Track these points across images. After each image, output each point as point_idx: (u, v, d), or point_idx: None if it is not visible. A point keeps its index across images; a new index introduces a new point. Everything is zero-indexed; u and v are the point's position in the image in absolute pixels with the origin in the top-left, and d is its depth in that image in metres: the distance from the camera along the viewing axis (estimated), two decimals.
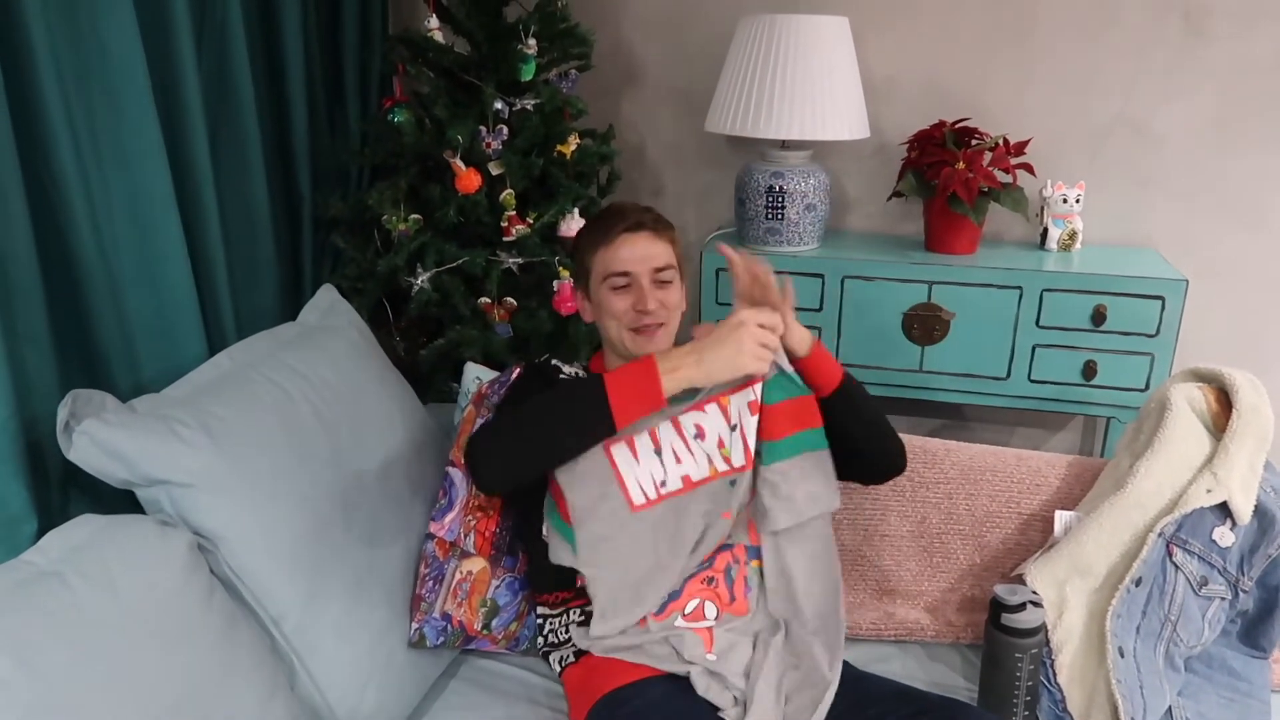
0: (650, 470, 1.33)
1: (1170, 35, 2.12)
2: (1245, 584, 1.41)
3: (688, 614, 1.34)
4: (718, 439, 1.33)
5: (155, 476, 1.19)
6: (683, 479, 1.34)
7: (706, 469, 1.34)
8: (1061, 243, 2.17)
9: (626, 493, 1.33)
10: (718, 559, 1.36)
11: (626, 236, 1.41)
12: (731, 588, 1.36)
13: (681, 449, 1.33)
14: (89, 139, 1.32)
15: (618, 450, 1.32)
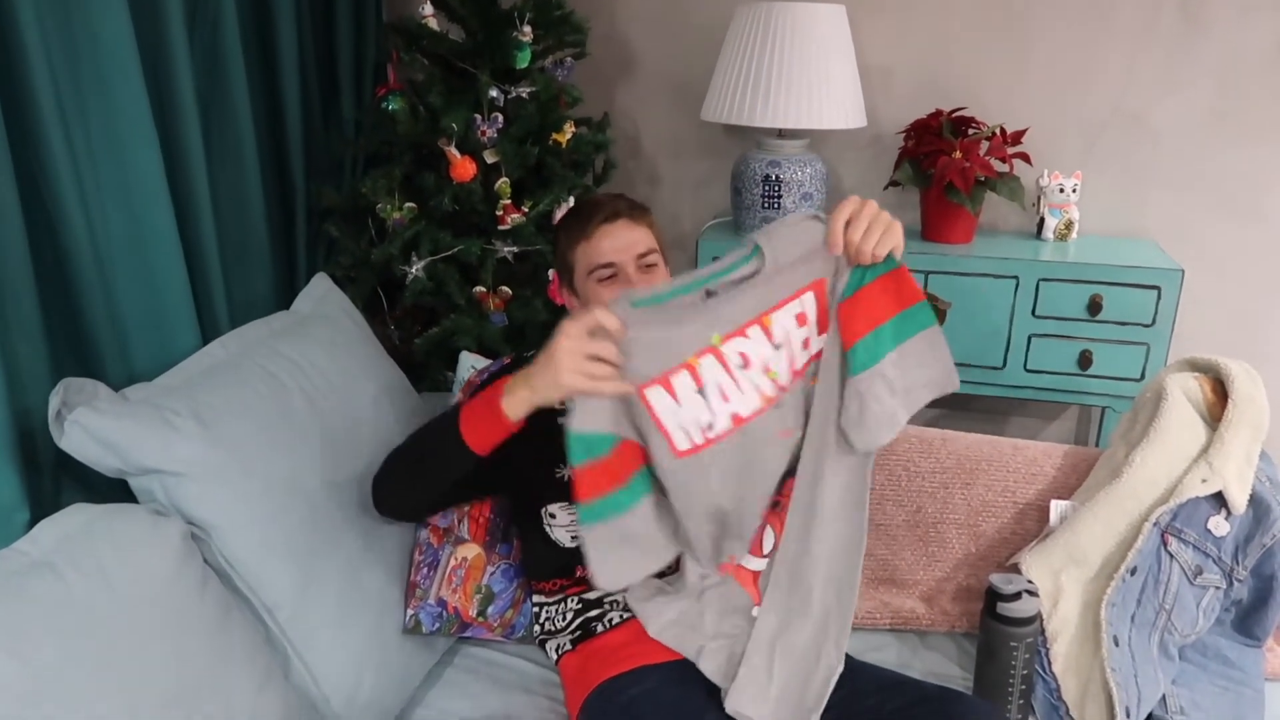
0: (696, 413, 1.21)
1: (1167, 26, 2.11)
2: (1240, 573, 1.41)
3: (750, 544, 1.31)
4: (764, 364, 1.23)
5: (148, 465, 1.19)
6: (732, 418, 1.23)
7: (756, 400, 1.23)
8: (1058, 232, 2.17)
9: (668, 436, 1.21)
10: (785, 485, 1.30)
11: (605, 228, 1.39)
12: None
13: (728, 384, 1.22)
14: (80, 128, 1.31)
15: (653, 394, 1.19)
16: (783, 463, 1.28)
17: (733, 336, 1.21)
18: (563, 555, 1.41)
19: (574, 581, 1.41)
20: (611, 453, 1.19)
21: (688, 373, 1.20)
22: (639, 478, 1.23)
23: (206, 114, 1.57)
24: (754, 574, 1.30)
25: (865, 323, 1.21)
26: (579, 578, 1.41)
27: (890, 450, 1.62)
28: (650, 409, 1.19)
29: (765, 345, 1.22)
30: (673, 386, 1.20)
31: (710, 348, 1.20)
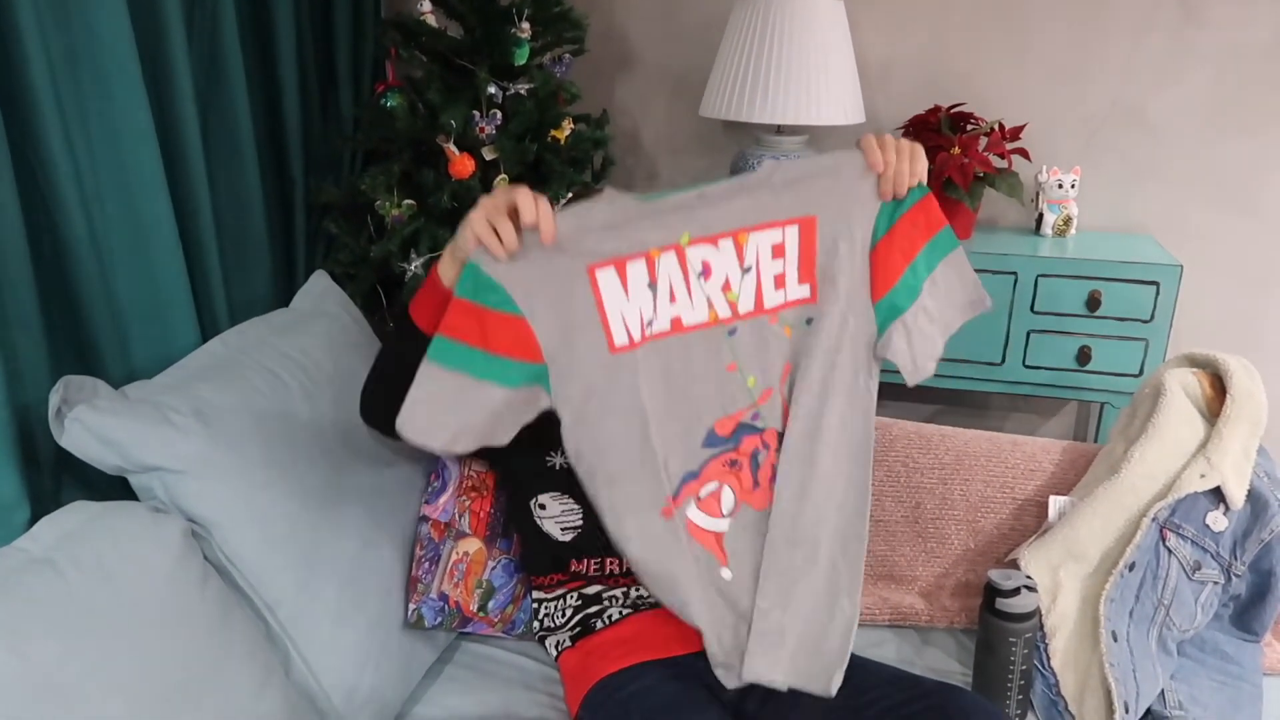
0: (639, 306, 1.14)
1: (1165, 19, 2.11)
2: (1238, 568, 1.42)
3: (703, 498, 1.20)
4: (724, 279, 1.16)
5: (148, 463, 1.19)
6: (672, 321, 1.16)
7: (705, 313, 1.17)
8: (1057, 228, 2.17)
9: (607, 327, 1.13)
10: (744, 441, 1.21)
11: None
12: (756, 473, 1.22)
13: (680, 286, 1.16)
14: (79, 124, 1.31)
15: (604, 276, 1.12)
16: (722, 401, 1.19)
17: (702, 242, 1.15)
18: (555, 548, 1.42)
19: (570, 577, 1.41)
20: (495, 311, 1.09)
21: (645, 263, 1.14)
22: (518, 368, 1.12)
23: (205, 111, 1.57)
24: (716, 535, 1.21)
25: (902, 258, 1.19)
26: (574, 572, 1.41)
27: (889, 446, 1.63)
28: (596, 292, 1.12)
29: (734, 262, 1.16)
30: (626, 273, 1.13)
31: (675, 245, 1.14)
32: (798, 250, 1.18)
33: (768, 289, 1.18)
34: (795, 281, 1.19)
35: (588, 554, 1.42)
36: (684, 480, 1.20)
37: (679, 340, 1.17)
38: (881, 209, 1.17)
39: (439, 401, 1.10)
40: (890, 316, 1.21)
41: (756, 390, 1.20)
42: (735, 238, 1.16)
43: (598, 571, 1.42)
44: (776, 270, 1.17)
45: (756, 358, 1.20)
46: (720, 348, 1.18)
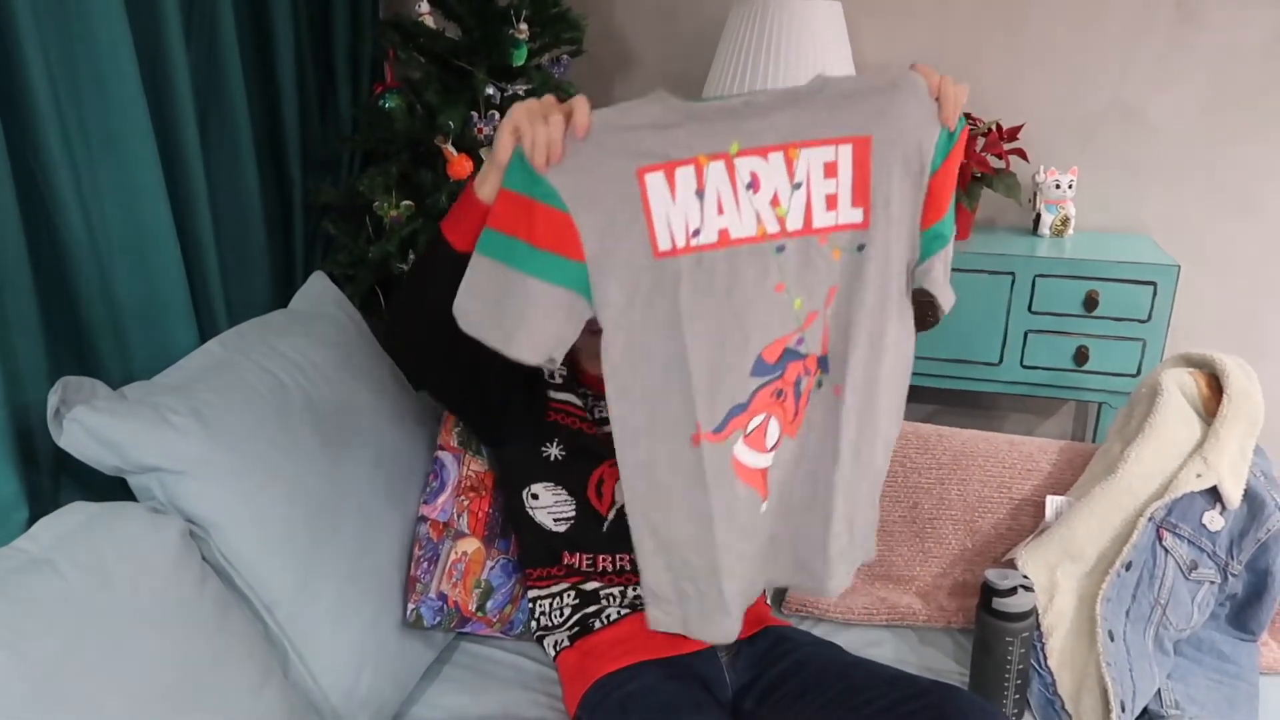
0: (686, 213, 1.09)
1: (1162, 22, 2.12)
2: (1234, 568, 1.42)
3: (749, 433, 1.16)
4: (773, 194, 1.11)
5: (146, 463, 1.19)
6: (719, 233, 1.11)
7: (753, 227, 1.11)
8: (1054, 228, 2.17)
9: (652, 230, 1.09)
10: (789, 368, 1.16)
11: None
12: (798, 402, 1.19)
13: (728, 197, 1.10)
14: (77, 125, 1.31)
15: (653, 179, 1.07)
16: (771, 324, 1.15)
17: (752, 153, 1.10)
18: (547, 539, 1.43)
19: (565, 571, 1.42)
20: (542, 204, 1.07)
21: (694, 170, 1.08)
22: (560, 264, 1.09)
23: (204, 112, 1.57)
24: (761, 471, 1.19)
25: (951, 189, 1.18)
26: (568, 565, 1.42)
27: None
28: (644, 194, 1.08)
29: (783, 177, 1.11)
30: (675, 178, 1.08)
31: (724, 154, 1.09)
32: (851, 171, 1.13)
33: (818, 208, 1.13)
34: (848, 205, 1.14)
35: (581, 547, 1.42)
36: (731, 414, 1.15)
37: (726, 254, 1.12)
38: (941, 135, 1.14)
39: (488, 294, 1.10)
40: (935, 246, 1.19)
41: (803, 313, 1.16)
42: (786, 151, 1.10)
43: (590, 566, 1.42)
44: (829, 190, 1.13)
45: (803, 279, 1.15)
46: (769, 266, 1.13)
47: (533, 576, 1.46)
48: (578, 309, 1.11)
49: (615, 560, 1.42)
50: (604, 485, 1.44)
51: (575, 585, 1.42)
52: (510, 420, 1.43)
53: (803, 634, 1.42)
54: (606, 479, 1.44)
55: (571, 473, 1.43)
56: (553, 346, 1.12)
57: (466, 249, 1.12)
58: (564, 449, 1.43)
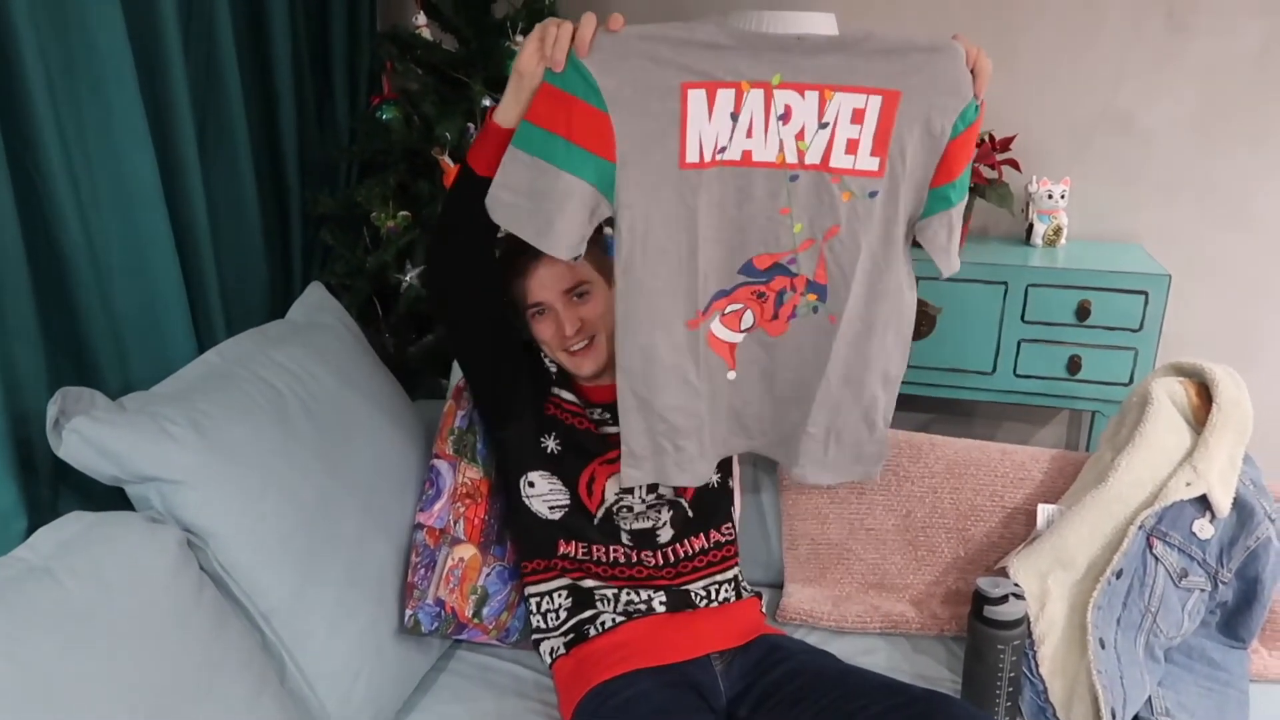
0: (717, 131, 1.20)
1: (1153, 33, 2.13)
2: (1224, 576, 1.43)
3: (727, 314, 1.33)
4: (800, 127, 1.21)
5: (144, 473, 1.20)
6: (743, 153, 1.22)
7: (774, 154, 1.22)
8: (1047, 238, 2.19)
9: (684, 142, 1.20)
10: (776, 279, 1.32)
11: (532, 264, 1.41)
12: (779, 308, 1.35)
13: (759, 124, 1.20)
14: (76, 134, 1.32)
15: (695, 95, 1.17)
16: (767, 238, 1.28)
17: (790, 87, 1.19)
18: (542, 529, 1.45)
19: (560, 563, 1.44)
20: (583, 102, 1.16)
21: (734, 94, 1.18)
22: (593, 162, 1.19)
23: (202, 122, 1.58)
24: (730, 345, 1.37)
25: (966, 158, 1.27)
26: (563, 554, 1.44)
27: None
28: (684, 107, 1.18)
29: (814, 115, 1.21)
30: (715, 98, 1.18)
31: (765, 84, 1.18)
32: (876, 122, 1.22)
33: (838, 150, 1.23)
34: (868, 153, 1.23)
35: (575, 536, 1.45)
36: (715, 297, 1.32)
37: (745, 172, 1.23)
38: (970, 104, 1.22)
39: (521, 186, 1.20)
40: (939, 206, 1.29)
41: (800, 237, 1.29)
42: (822, 92, 1.19)
43: (585, 555, 1.43)
44: (852, 134, 1.22)
45: (809, 208, 1.27)
46: (780, 189, 1.25)
47: (528, 570, 1.47)
48: (600, 209, 1.23)
49: (609, 551, 1.45)
50: (594, 483, 1.46)
51: (572, 582, 1.43)
52: (518, 399, 1.47)
53: (796, 642, 1.43)
54: (598, 476, 1.46)
55: (566, 466, 1.47)
56: (577, 243, 1.24)
57: (489, 173, 1.21)
58: (560, 443, 1.47)
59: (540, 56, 1.15)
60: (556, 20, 1.15)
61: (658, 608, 1.42)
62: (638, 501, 1.47)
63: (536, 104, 1.17)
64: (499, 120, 1.21)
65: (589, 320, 1.44)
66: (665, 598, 1.43)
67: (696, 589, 1.46)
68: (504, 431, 1.49)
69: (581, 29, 1.13)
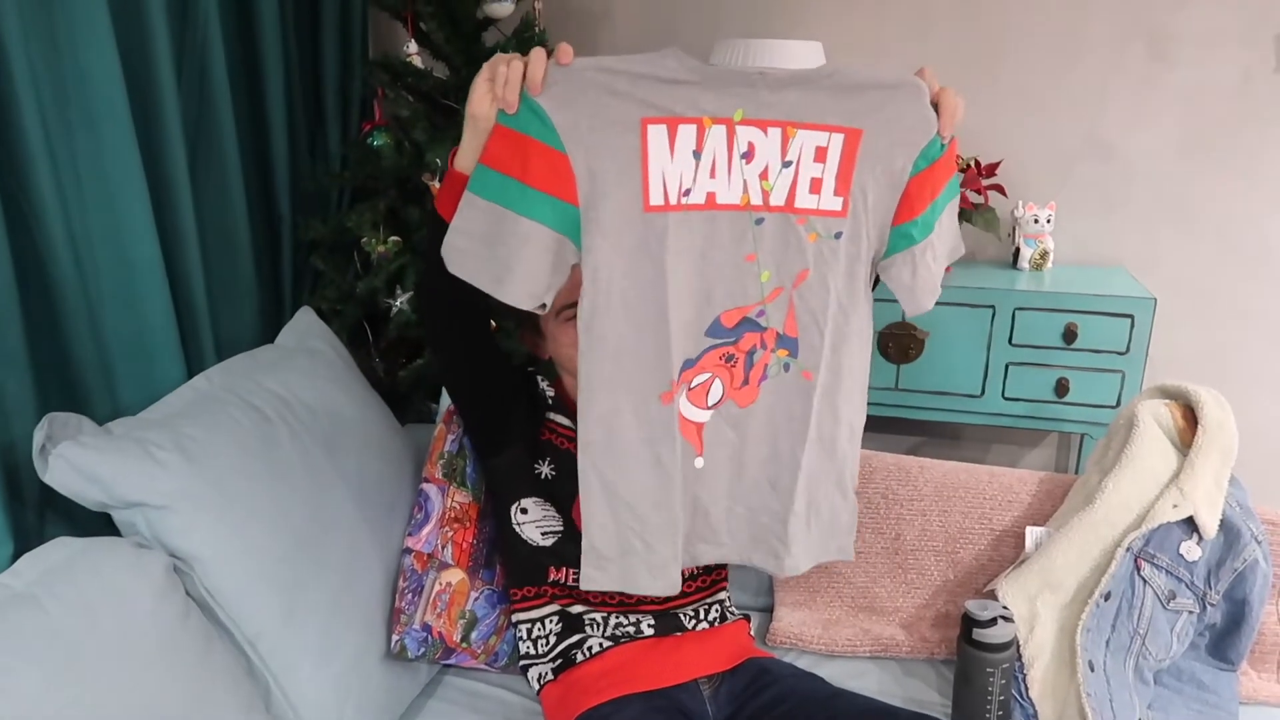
0: (680, 170, 1.13)
1: (1135, 61, 2.17)
2: (1212, 597, 1.43)
3: (693, 388, 1.22)
4: (764, 166, 1.15)
5: (131, 499, 1.20)
6: (707, 195, 1.15)
7: (739, 195, 1.16)
8: (1033, 262, 2.20)
9: (646, 182, 1.12)
10: (745, 337, 1.22)
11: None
12: (748, 371, 1.23)
13: (722, 162, 1.14)
14: (68, 162, 1.33)
15: (655, 131, 1.11)
16: (735, 291, 1.20)
17: (753, 124, 1.14)
18: (533, 555, 1.44)
19: (550, 589, 1.43)
20: (539, 142, 1.10)
21: (696, 130, 1.12)
22: (551, 205, 1.12)
23: (193, 149, 1.59)
24: (697, 425, 1.24)
25: (930, 195, 1.20)
26: (553, 581, 1.43)
27: (868, 479, 1.64)
28: (645, 144, 1.11)
29: (777, 153, 1.15)
30: (676, 134, 1.12)
31: (728, 120, 1.13)
32: (839, 161, 1.17)
33: (802, 189, 1.17)
34: (831, 192, 1.18)
35: (567, 562, 1.43)
36: (683, 367, 1.21)
37: (710, 217, 1.16)
38: (932, 141, 1.17)
39: (477, 233, 1.13)
40: (900, 244, 1.22)
41: (768, 286, 1.21)
42: (784, 129, 1.15)
43: (575, 582, 1.43)
44: (815, 174, 1.17)
45: (775, 253, 1.19)
46: (745, 234, 1.18)
47: (517, 598, 1.47)
48: (565, 254, 1.15)
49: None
50: None
51: (561, 608, 1.43)
52: (511, 427, 1.45)
53: (785, 666, 1.42)
54: None
55: (560, 492, 1.46)
56: (542, 291, 1.16)
57: (447, 214, 1.15)
58: (554, 468, 1.46)
59: (491, 97, 1.10)
60: (505, 57, 1.09)
61: (646, 630, 1.42)
62: None
63: (490, 146, 1.11)
64: (458, 166, 1.17)
65: None
66: (654, 621, 1.43)
67: (686, 611, 1.46)
68: (496, 459, 1.49)
69: (532, 66, 1.07)
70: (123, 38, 1.37)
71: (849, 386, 1.27)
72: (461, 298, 1.22)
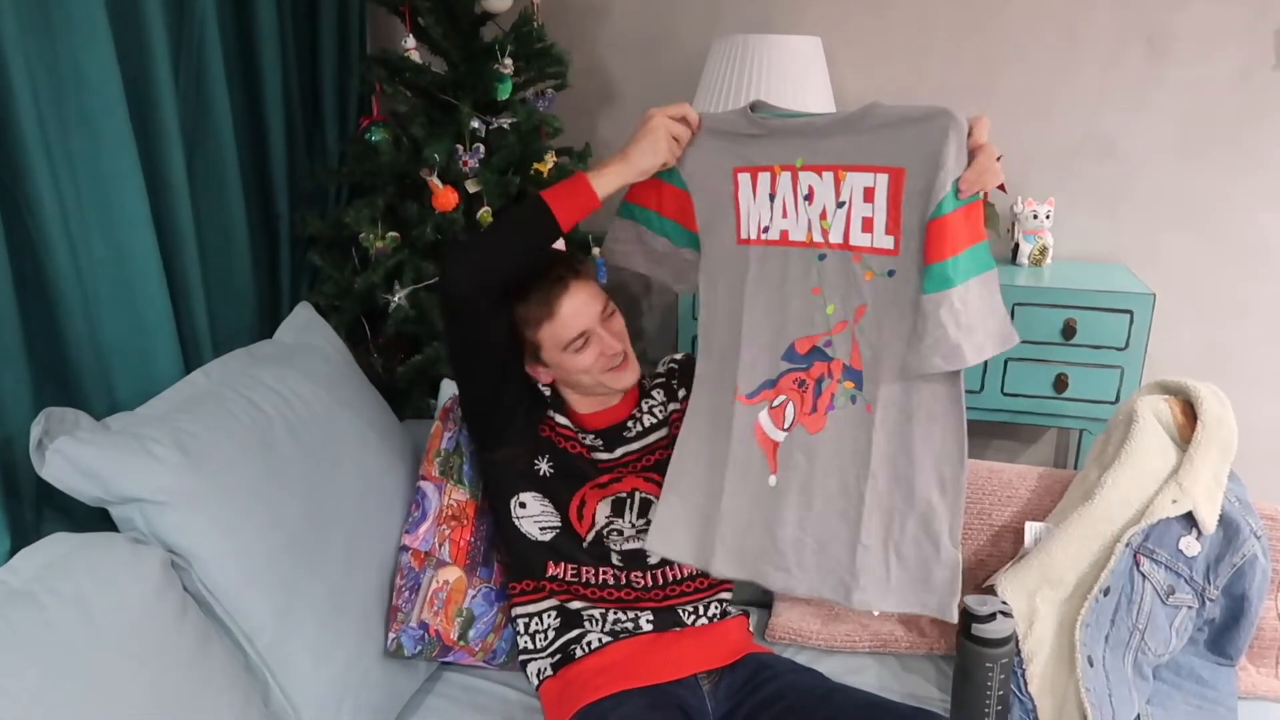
0: (760, 211, 1.35)
1: (1134, 57, 2.17)
2: (1211, 593, 1.43)
3: (774, 407, 1.36)
4: (822, 208, 1.30)
5: (128, 494, 1.19)
6: (781, 233, 1.34)
7: (804, 233, 1.32)
8: (1033, 258, 2.20)
9: (739, 219, 1.37)
10: (814, 365, 1.34)
11: (564, 300, 1.40)
12: (816, 399, 1.33)
13: (790, 203, 1.32)
14: (65, 159, 1.32)
15: (743, 178, 1.35)
16: (804, 319, 1.34)
17: (811, 169, 1.29)
18: (532, 550, 1.45)
19: (549, 584, 1.44)
20: (670, 185, 1.41)
21: (770, 176, 1.32)
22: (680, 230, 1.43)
23: (191, 145, 1.59)
24: (774, 443, 1.36)
25: (949, 246, 1.18)
26: (551, 576, 1.44)
27: None
28: (736, 189, 1.36)
29: (831, 194, 1.28)
30: (757, 180, 1.34)
31: (791, 166, 1.30)
32: (886, 200, 1.24)
33: (855, 228, 1.28)
34: (882, 231, 1.26)
35: (565, 557, 1.44)
36: (763, 386, 1.37)
37: (782, 251, 1.34)
38: (952, 187, 1.16)
39: (630, 242, 1.49)
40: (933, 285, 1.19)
41: (834, 319, 1.32)
42: (836, 172, 1.27)
43: (574, 577, 1.43)
44: (865, 213, 1.26)
45: (838, 287, 1.31)
46: (810, 269, 1.33)
47: (515, 591, 1.47)
48: (688, 258, 1.45)
49: (598, 573, 1.44)
50: (585, 507, 1.46)
51: (560, 604, 1.43)
52: (515, 420, 1.46)
53: (783, 661, 1.42)
54: (588, 500, 1.46)
55: (558, 489, 1.46)
56: (679, 279, 1.49)
57: (567, 228, 1.34)
58: (553, 466, 1.47)
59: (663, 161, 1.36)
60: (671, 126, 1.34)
61: (645, 626, 1.42)
62: (627, 526, 1.47)
63: (635, 189, 1.43)
64: (598, 189, 1.33)
65: (619, 334, 1.47)
66: (653, 616, 1.43)
67: (685, 607, 1.46)
68: (496, 453, 1.49)
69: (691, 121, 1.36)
70: (119, 35, 1.37)
71: (927, 430, 1.26)
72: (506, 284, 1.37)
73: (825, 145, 1.27)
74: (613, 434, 1.51)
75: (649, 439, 1.52)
